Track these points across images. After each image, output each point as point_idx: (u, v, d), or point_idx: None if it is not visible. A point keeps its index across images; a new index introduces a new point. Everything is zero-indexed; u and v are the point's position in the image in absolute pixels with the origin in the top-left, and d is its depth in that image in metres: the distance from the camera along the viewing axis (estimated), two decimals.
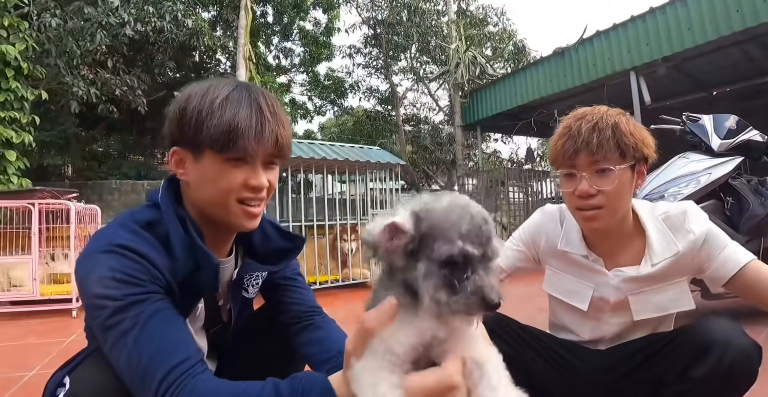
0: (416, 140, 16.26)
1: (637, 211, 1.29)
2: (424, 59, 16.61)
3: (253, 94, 0.93)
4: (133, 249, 0.85)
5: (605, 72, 7.02)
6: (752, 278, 1.17)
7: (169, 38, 9.78)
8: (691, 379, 1.08)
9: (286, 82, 16.73)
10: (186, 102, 0.91)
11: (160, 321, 0.81)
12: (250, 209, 0.95)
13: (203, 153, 0.90)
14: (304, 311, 1.17)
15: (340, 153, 5.02)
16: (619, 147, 1.15)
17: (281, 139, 0.93)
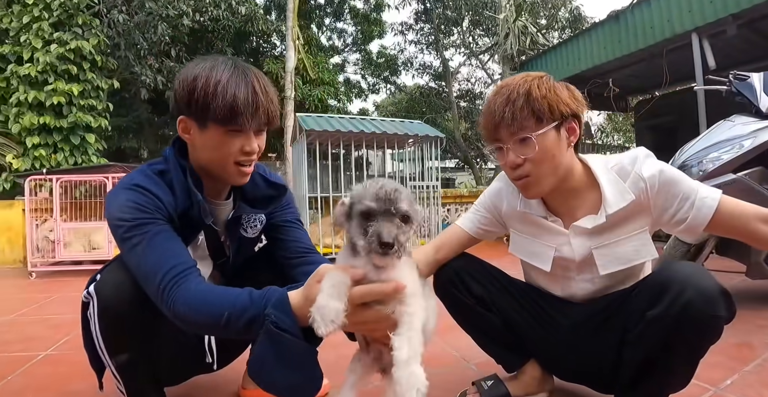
0: (469, 116, 15.98)
1: (589, 165, 1.30)
2: (478, 32, 16.13)
3: (249, 76, 1.14)
4: (145, 187, 1.14)
5: (663, 35, 6.47)
6: (728, 215, 1.18)
7: (226, 25, 10.28)
8: (645, 319, 1.09)
9: (339, 62, 16.97)
10: (194, 82, 1.11)
11: (162, 238, 1.09)
12: (243, 169, 1.20)
13: (207, 125, 1.13)
14: (302, 248, 1.40)
15: (380, 127, 5.17)
16: (534, 113, 1.18)
17: (270, 112, 1.17)
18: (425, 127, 5.59)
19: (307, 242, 1.42)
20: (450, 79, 16.40)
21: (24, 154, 6.83)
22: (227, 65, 1.14)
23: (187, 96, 1.12)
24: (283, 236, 1.41)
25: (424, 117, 15.04)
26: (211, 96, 1.09)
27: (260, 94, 1.14)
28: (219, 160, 1.18)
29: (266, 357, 0.92)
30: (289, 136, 6.80)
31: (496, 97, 1.24)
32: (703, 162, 2.49)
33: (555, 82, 1.24)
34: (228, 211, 1.34)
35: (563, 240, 1.33)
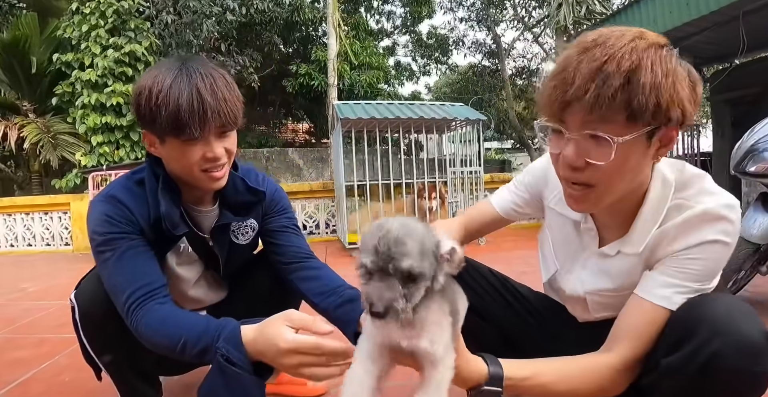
0: (524, 94, 15.28)
1: (654, 174, 0.94)
2: (533, 4, 15.25)
3: (193, 78, 1.05)
4: (119, 199, 1.14)
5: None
6: (634, 314, 0.92)
7: (273, 17, 10.42)
8: (661, 367, 0.85)
9: (389, 45, 16.76)
10: (139, 97, 1.06)
11: (131, 255, 1.11)
12: (212, 175, 1.14)
13: (164, 138, 1.09)
14: (300, 253, 1.35)
15: (417, 112, 5.03)
16: (629, 106, 0.77)
17: (224, 114, 1.08)
18: (467, 109, 5.38)
19: (304, 247, 1.37)
20: (503, 56, 15.71)
21: (90, 151, 7.41)
22: (171, 70, 1.07)
23: (136, 111, 1.09)
24: (279, 242, 1.37)
25: (477, 97, 14.58)
26: (155, 108, 1.03)
27: (206, 95, 1.05)
28: (185, 171, 1.14)
29: (216, 387, 0.96)
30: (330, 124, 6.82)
31: (583, 57, 0.80)
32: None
33: (679, 59, 0.81)
34: (214, 217, 1.31)
35: (582, 258, 1.07)
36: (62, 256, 5.86)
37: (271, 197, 1.37)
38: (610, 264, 1.01)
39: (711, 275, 0.89)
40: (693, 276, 0.88)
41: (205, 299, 1.44)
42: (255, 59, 10.38)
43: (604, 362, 0.92)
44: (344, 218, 4.93)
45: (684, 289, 0.88)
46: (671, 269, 0.90)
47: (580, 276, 1.08)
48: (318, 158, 10.86)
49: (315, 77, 10.74)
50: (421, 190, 5.03)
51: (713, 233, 0.86)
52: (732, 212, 0.87)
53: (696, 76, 0.82)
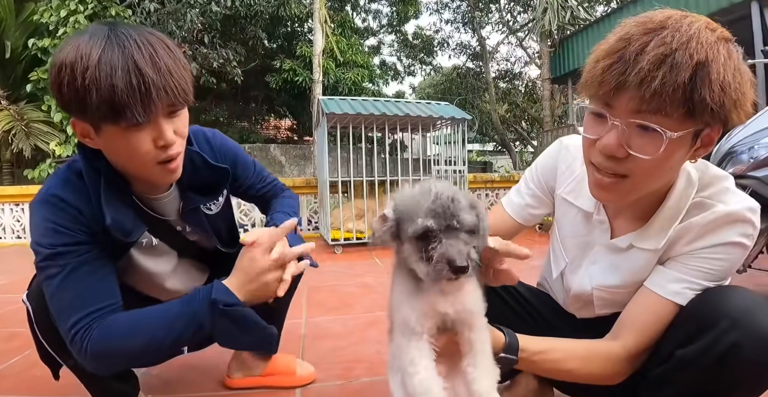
0: (507, 97, 15.44)
1: (680, 171, 0.91)
2: (518, 9, 15.44)
3: (127, 49, 0.85)
4: (63, 198, 0.97)
5: (719, 5, 5.97)
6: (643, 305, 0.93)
7: (258, 11, 10.28)
8: (674, 359, 0.84)
9: (375, 44, 16.75)
10: (59, 76, 0.85)
11: (82, 273, 0.96)
12: (168, 166, 0.98)
13: (100, 126, 0.89)
14: (264, 194, 1.44)
15: (403, 109, 5.02)
16: (692, 102, 0.71)
17: (171, 90, 0.89)
18: (452, 109, 5.39)
19: (266, 186, 1.44)
20: (487, 59, 15.86)
21: (66, 141, 7.17)
22: (97, 39, 0.85)
23: (58, 95, 0.87)
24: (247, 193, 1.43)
25: (461, 98, 14.66)
26: (82, 90, 0.83)
27: (147, 69, 0.85)
28: (136, 166, 0.97)
29: (230, 331, 1.01)
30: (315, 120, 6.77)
31: (650, 37, 0.72)
32: (754, 148, 2.14)
33: (743, 60, 0.76)
34: (175, 199, 1.18)
35: (591, 253, 1.05)
36: None
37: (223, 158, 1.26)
38: (621, 259, 0.99)
39: (725, 276, 0.89)
40: (708, 275, 0.88)
41: (183, 289, 1.35)
42: (239, 53, 10.22)
43: (609, 349, 0.94)
44: (327, 215, 4.89)
45: (697, 286, 0.88)
46: (687, 266, 0.89)
47: (588, 271, 1.06)
48: (300, 155, 10.77)
49: (299, 73, 10.64)
50: None
51: (736, 234, 0.85)
52: (755, 215, 0.86)
53: (753, 78, 0.77)
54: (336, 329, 2.17)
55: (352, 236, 4.74)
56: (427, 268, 0.70)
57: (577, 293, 1.09)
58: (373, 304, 2.65)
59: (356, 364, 1.74)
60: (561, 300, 1.20)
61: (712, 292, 0.86)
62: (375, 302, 2.68)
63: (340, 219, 4.83)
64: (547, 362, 0.94)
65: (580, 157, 1.04)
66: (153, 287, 1.28)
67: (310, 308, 2.54)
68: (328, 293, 2.92)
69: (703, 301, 0.86)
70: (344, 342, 2.00)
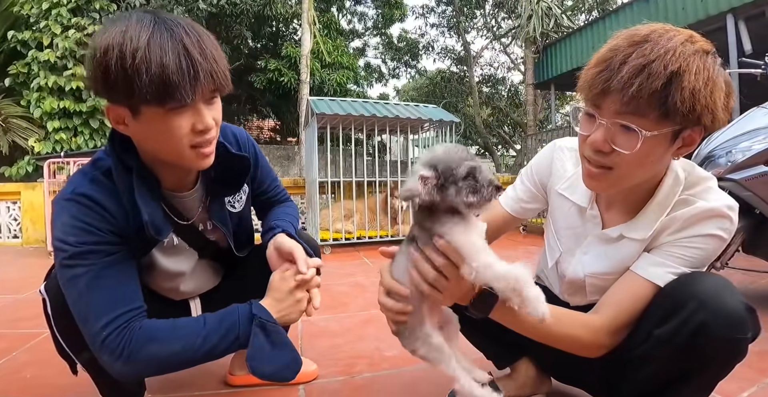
0: (491, 102, 15.65)
1: (668, 171, 1.02)
2: (501, 15, 15.68)
3: (176, 33, 0.87)
4: (92, 198, 0.96)
5: (697, 17, 6.15)
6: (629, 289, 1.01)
7: (244, 9, 10.21)
8: (652, 338, 0.94)
9: (360, 46, 16.77)
10: (105, 58, 0.84)
11: (111, 274, 0.95)
12: (203, 151, 0.98)
13: (140, 109, 0.89)
14: (274, 199, 1.45)
15: (393, 111, 5.06)
16: (665, 105, 0.82)
17: (216, 75, 0.91)
18: (440, 111, 5.46)
19: (277, 194, 1.45)
20: (471, 64, 16.05)
21: (45, 137, 6.98)
22: (144, 23, 0.87)
23: (102, 77, 0.86)
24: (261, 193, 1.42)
25: (445, 102, 14.79)
26: (132, 71, 0.83)
27: (196, 53, 0.87)
28: (170, 149, 0.96)
29: (263, 348, 1.03)
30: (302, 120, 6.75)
31: (633, 50, 0.84)
32: (732, 152, 2.28)
33: (720, 70, 0.86)
34: (198, 198, 1.18)
35: (584, 244, 1.14)
36: (11, 249, 5.49)
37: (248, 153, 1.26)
38: (611, 248, 1.09)
39: (702, 264, 0.99)
40: (687, 262, 0.98)
41: (197, 291, 1.37)
42: (224, 51, 10.12)
43: (591, 320, 1.02)
44: (317, 215, 4.89)
45: (676, 271, 0.98)
46: (668, 253, 0.99)
47: (581, 260, 1.15)
48: (284, 156, 10.72)
49: (285, 73, 10.59)
50: (393, 189, 5.06)
51: (714, 228, 0.96)
52: (733, 212, 0.97)
53: (731, 85, 0.89)
54: (333, 327, 2.19)
55: (340, 236, 4.75)
56: (475, 197, 0.87)
57: (571, 280, 1.18)
58: (367, 302, 2.67)
59: (357, 360, 1.77)
60: (556, 288, 1.28)
61: (686, 276, 0.96)
62: (369, 301, 2.70)
63: (329, 219, 4.84)
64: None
65: (573, 158, 1.18)
66: (168, 288, 1.28)
67: None
68: (321, 293, 2.92)
69: (677, 283, 0.96)
70: (342, 340, 2.02)
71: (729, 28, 5.61)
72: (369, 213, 5.02)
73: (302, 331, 2.12)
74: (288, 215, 1.37)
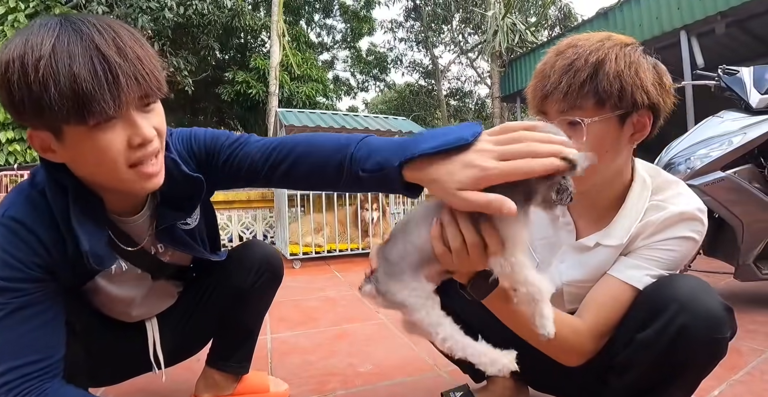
0: (459, 115, 15.92)
1: (634, 177, 1.04)
2: (468, 30, 16.08)
3: (85, 32, 0.72)
4: (23, 223, 0.83)
5: (652, 33, 6.46)
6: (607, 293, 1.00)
7: (212, 20, 10.10)
8: (635, 342, 0.93)
9: (329, 59, 16.83)
10: (6, 75, 0.70)
11: (25, 317, 0.82)
12: (145, 170, 0.82)
13: (61, 130, 0.75)
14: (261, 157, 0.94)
15: (362, 123, 5.05)
16: (597, 93, 0.90)
17: (143, 78, 0.75)
18: (409, 123, 5.49)
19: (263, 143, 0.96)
20: (440, 77, 16.33)
21: None
22: (49, 27, 0.72)
23: (8, 98, 0.72)
24: (238, 166, 0.97)
25: (414, 115, 14.95)
26: (37, 87, 0.69)
27: (112, 54, 0.72)
28: (106, 172, 0.80)
29: None
30: (271, 132, 6.66)
31: (557, 58, 0.94)
32: (690, 159, 2.38)
33: (643, 54, 0.93)
34: (147, 221, 1.03)
35: (563, 250, 1.12)
36: None
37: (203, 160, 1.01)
38: (587, 256, 1.08)
39: (676, 266, 1.01)
40: (662, 264, 0.99)
41: (151, 313, 1.25)
42: (190, 62, 9.98)
43: (574, 320, 1.00)
44: (286, 229, 4.78)
45: (653, 273, 0.98)
46: (644, 256, 1.00)
47: (558, 269, 1.14)
48: None
49: (253, 86, 10.50)
50: (362, 201, 5.02)
51: (687, 230, 0.98)
52: (703, 215, 1.00)
53: (662, 68, 0.96)
54: (303, 343, 2.10)
55: (310, 250, 4.66)
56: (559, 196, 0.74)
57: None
58: (339, 317, 2.60)
59: (329, 377, 1.69)
60: None
61: (664, 279, 0.97)
62: (340, 316, 2.63)
63: (298, 233, 4.74)
64: (520, 312, 0.88)
65: None
66: (119, 312, 1.16)
67: (273, 324, 2.46)
68: (291, 308, 2.84)
69: (656, 286, 0.96)
70: (314, 357, 1.94)
71: (683, 44, 5.92)
72: (339, 226, 4.95)
73: (272, 349, 2.03)
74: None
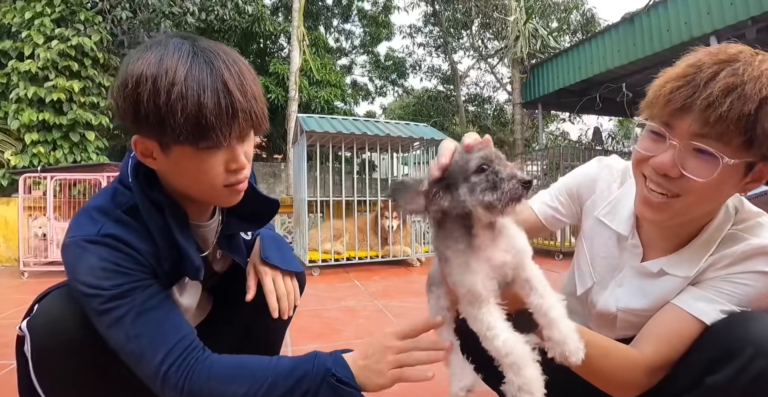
0: (477, 121, 15.80)
1: (720, 211, 0.94)
2: (487, 36, 15.97)
3: (216, 66, 0.80)
4: (120, 239, 0.87)
5: (681, 38, 6.30)
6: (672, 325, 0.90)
7: (233, 26, 10.19)
8: (704, 387, 0.82)
9: (347, 64, 16.87)
10: (137, 90, 0.78)
11: (154, 306, 0.87)
12: (236, 188, 0.93)
13: (171, 146, 0.83)
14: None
15: (383, 129, 4.99)
16: (753, 132, 0.75)
17: (255, 115, 0.85)
18: (431, 130, 5.41)
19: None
20: (458, 83, 16.24)
21: (23, 151, 6.72)
22: (182, 53, 0.80)
23: (133, 111, 0.80)
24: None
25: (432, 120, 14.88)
26: (165, 109, 0.77)
27: (236, 91, 0.80)
28: (202, 188, 0.90)
29: None
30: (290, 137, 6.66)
31: (722, 66, 0.77)
32: None
33: None
34: (215, 228, 1.10)
35: (620, 277, 1.04)
36: None
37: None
38: (649, 284, 0.99)
39: (749, 303, 0.90)
40: (735, 299, 0.89)
41: (193, 325, 1.25)
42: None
43: (629, 351, 0.92)
44: (305, 235, 4.74)
45: (724, 308, 0.88)
46: (716, 288, 0.90)
47: (614, 293, 1.06)
48: (270, 173, 10.56)
49: (272, 90, 10.54)
50: (383, 209, 4.96)
51: (766, 265, 0.88)
52: None
53: None
54: None
55: (330, 257, 4.60)
56: (495, 195, 0.70)
57: (601, 313, 1.08)
58: (360, 329, 2.53)
59: None
60: (580, 317, 1.17)
61: (736, 316, 0.86)
62: (362, 327, 2.57)
63: (317, 240, 4.69)
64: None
65: (619, 179, 1.09)
66: None
67: (294, 336, 2.40)
68: (311, 318, 2.78)
69: (728, 324, 0.85)
70: None
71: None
72: (358, 233, 4.90)
73: None
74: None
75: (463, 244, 0.78)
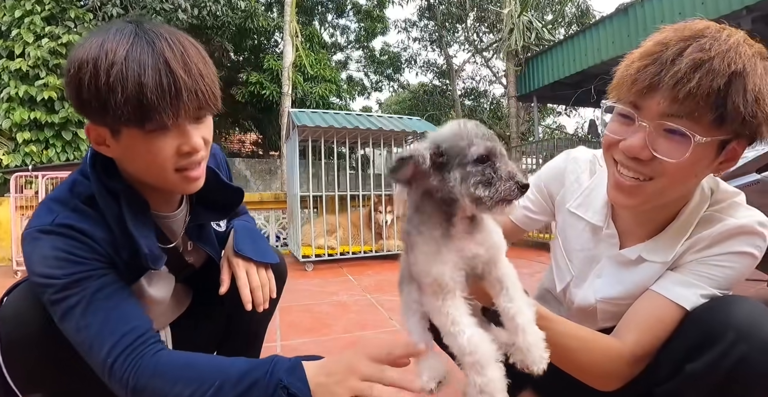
0: (473, 115, 15.76)
1: (695, 194, 0.91)
2: (482, 29, 15.91)
3: (158, 45, 0.79)
4: (74, 227, 0.86)
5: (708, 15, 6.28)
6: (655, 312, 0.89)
7: (226, 22, 10.10)
8: (684, 374, 0.81)
9: (342, 60, 16.79)
10: (79, 74, 0.78)
11: (106, 295, 0.85)
12: (189, 175, 0.90)
13: (120, 130, 0.82)
14: None
15: (376, 123, 4.96)
16: (724, 108, 0.72)
17: (202, 93, 0.82)
18: (424, 123, 5.39)
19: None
20: (454, 77, 16.19)
21: (14, 150, 6.68)
22: (124, 35, 0.78)
23: (76, 95, 0.80)
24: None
25: (428, 115, 14.84)
26: (106, 90, 0.76)
27: (178, 69, 0.79)
28: (153, 173, 0.89)
29: None
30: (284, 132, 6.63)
31: (689, 43, 0.74)
32: None
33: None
34: (183, 218, 1.09)
35: (597, 268, 1.03)
36: None
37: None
38: (627, 272, 0.98)
39: (730, 285, 0.89)
40: (715, 282, 0.87)
41: (166, 322, 1.23)
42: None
43: (611, 341, 0.90)
44: (298, 230, 4.72)
45: (705, 293, 0.87)
46: (696, 272, 0.88)
47: (593, 284, 1.04)
48: (266, 170, 10.56)
49: (266, 86, 10.48)
50: (376, 204, 4.94)
51: (745, 245, 0.86)
52: (765, 228, 0.87)
53: None
54: (313, 351, 2.03)
55: (323, 252, 4.59)
56: (486, 191, 0.67)
57: (581, 307, 1.06)
58: (351, 323, 2.52)
59: None
60: (562, 313, 1.15)
61: (716, 301, 0.85)
62: (353, 322, 2.56)
63: (311, 235, 4.68)
64: (551, 331, 0.81)
65: (588, 170, 1.07)
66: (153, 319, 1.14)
67: (283, 330, 2.39)
68: (302, 313, 2.77)
69: (708, 309, 0.84)
70: None
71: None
72: (352, 228, 4.89)
73: None
74: (248, 227, 1.26)
75: (439, 231, 0.75)
